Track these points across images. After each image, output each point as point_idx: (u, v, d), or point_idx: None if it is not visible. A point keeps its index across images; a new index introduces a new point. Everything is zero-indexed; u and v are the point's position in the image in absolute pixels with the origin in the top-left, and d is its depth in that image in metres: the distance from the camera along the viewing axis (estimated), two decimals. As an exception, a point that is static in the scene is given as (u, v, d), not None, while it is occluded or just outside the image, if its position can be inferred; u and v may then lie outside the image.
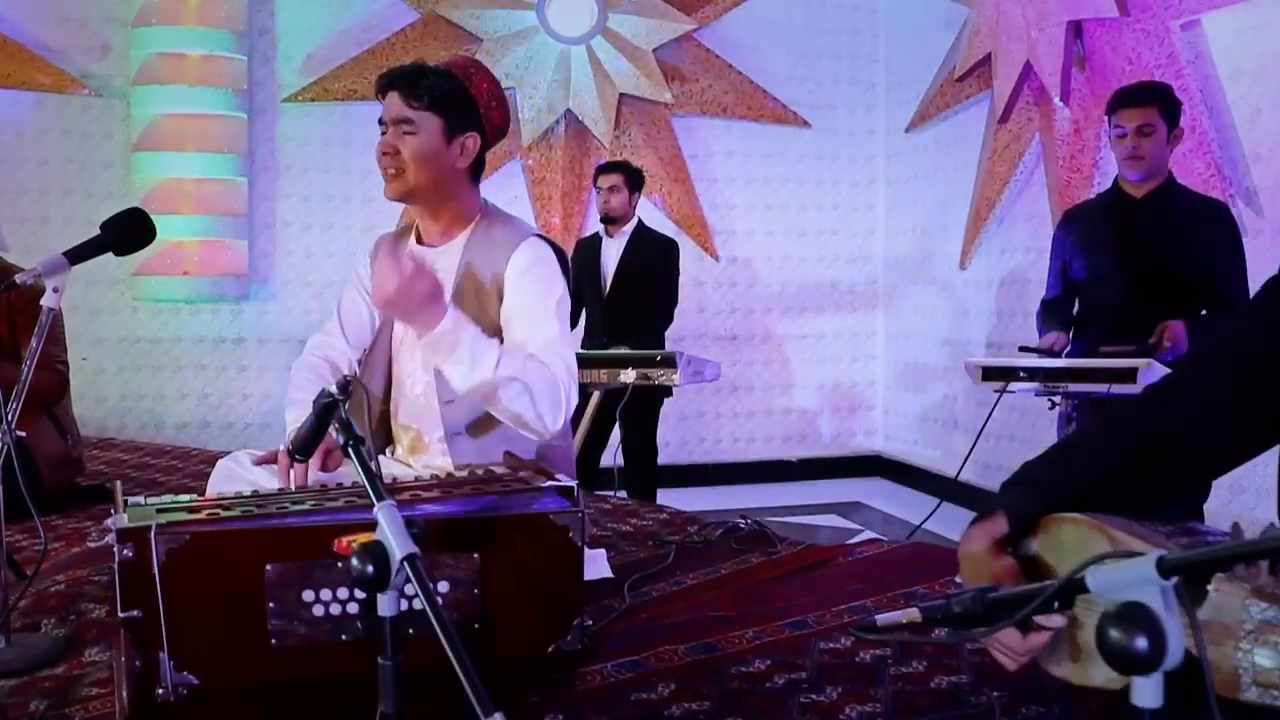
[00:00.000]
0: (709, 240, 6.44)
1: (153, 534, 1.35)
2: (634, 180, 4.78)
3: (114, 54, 5.63)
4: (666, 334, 4.93)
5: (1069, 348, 3.09)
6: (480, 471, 1.81)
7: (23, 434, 1.85)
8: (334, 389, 1.29)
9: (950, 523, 5.30)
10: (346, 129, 5.95)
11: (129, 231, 1.91)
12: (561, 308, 2.09)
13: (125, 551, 1.35)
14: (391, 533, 1.10)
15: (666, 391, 4.50)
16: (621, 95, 6.12)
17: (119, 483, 1.65)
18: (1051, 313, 3.28)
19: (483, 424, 2.09)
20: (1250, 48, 4.09)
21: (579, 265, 4.68)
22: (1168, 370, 2.71)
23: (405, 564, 1.08)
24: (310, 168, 5.94)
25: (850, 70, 6.72)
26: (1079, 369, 2.78)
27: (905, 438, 6.65)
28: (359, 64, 5.86)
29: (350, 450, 1.23)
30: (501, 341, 2.06)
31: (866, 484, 6.64)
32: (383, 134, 2.11)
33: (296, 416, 1.98)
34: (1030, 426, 5.38)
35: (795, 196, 6.71)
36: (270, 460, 1.91)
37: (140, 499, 1.59)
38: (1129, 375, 2.65)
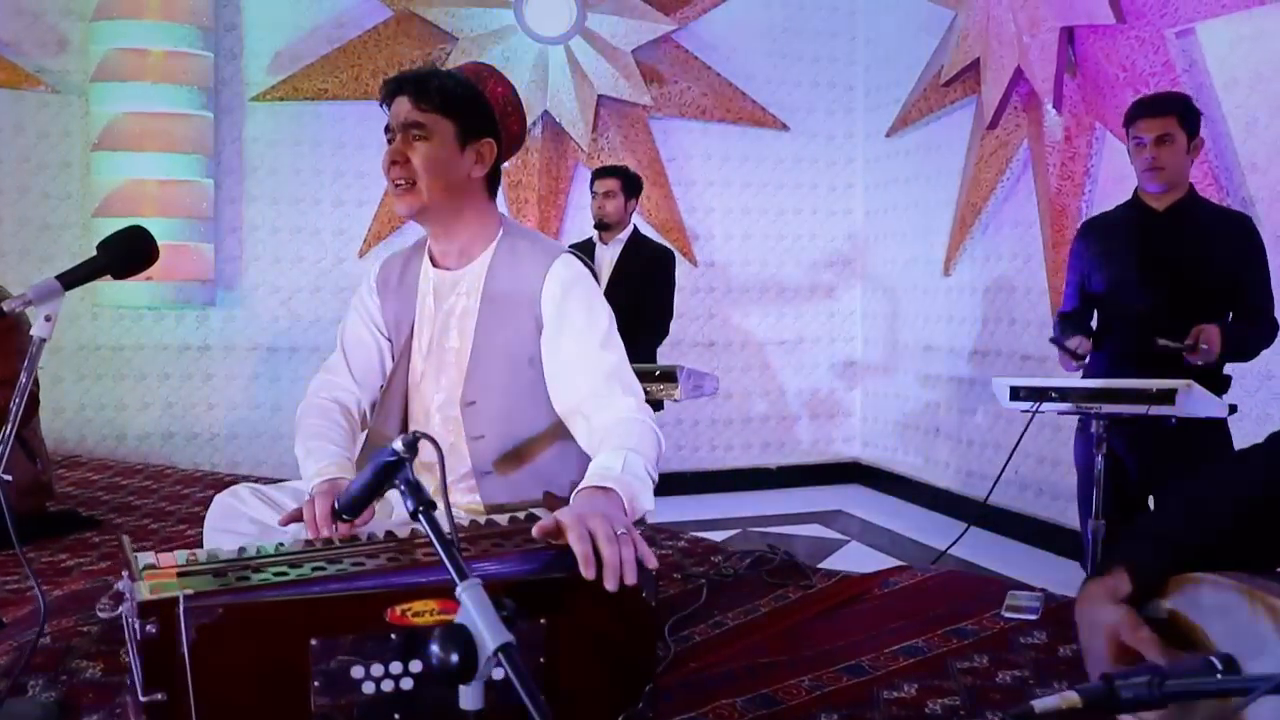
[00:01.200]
0: (687, 245, 6.32)
1: (181, 609, 1.20)
2: (631, 186, 4.66)
3: (72, 48, 5.38)
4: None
5: (1087, 359, 3.01)
6: (522, 516, 1.67)
7: (8, 478, 1.68)
8: (400, 446, 1.14)
9: (930, 533, 5.26)
10: (317, 129, 5.76)
11: (129, 253, 1.75)
12: (613, 328, 1.93)
13: (148, 628, 1.20)
14: (480, 617, 0.97)
15: (658, 405, 4.38)
16: (600, 97, 5.99)
17: (127, 538, 1.49)
18: (1069, 325, 3.21)
19: (512, 459, 1.93)
20: (1246, 57, 4.05)
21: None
22: (1208, 393, 2.65)
23: (500, 655, 0.95)
24: (279, 169, 5.73)
25: (829, 73, 6.65)
26: (1114, 390, 2.70)
27: (884, 444, 6.59)
28: (330, 62, 5.67)
29: (422, 518, 1.09)
30: (533, 365, 1.92)
31: (845, 491, 6.58)
32: (389, 141, 1.94)
33: (319, 468, 1.81)
34: (1015, 436, 5.32)
35: (773, 200, 6.62)
36: (297, 518, 1.73)
37: (151, 556, 1.43)
38: (1168, 397, 2.57)
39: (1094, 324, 3.26)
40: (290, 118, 5.72)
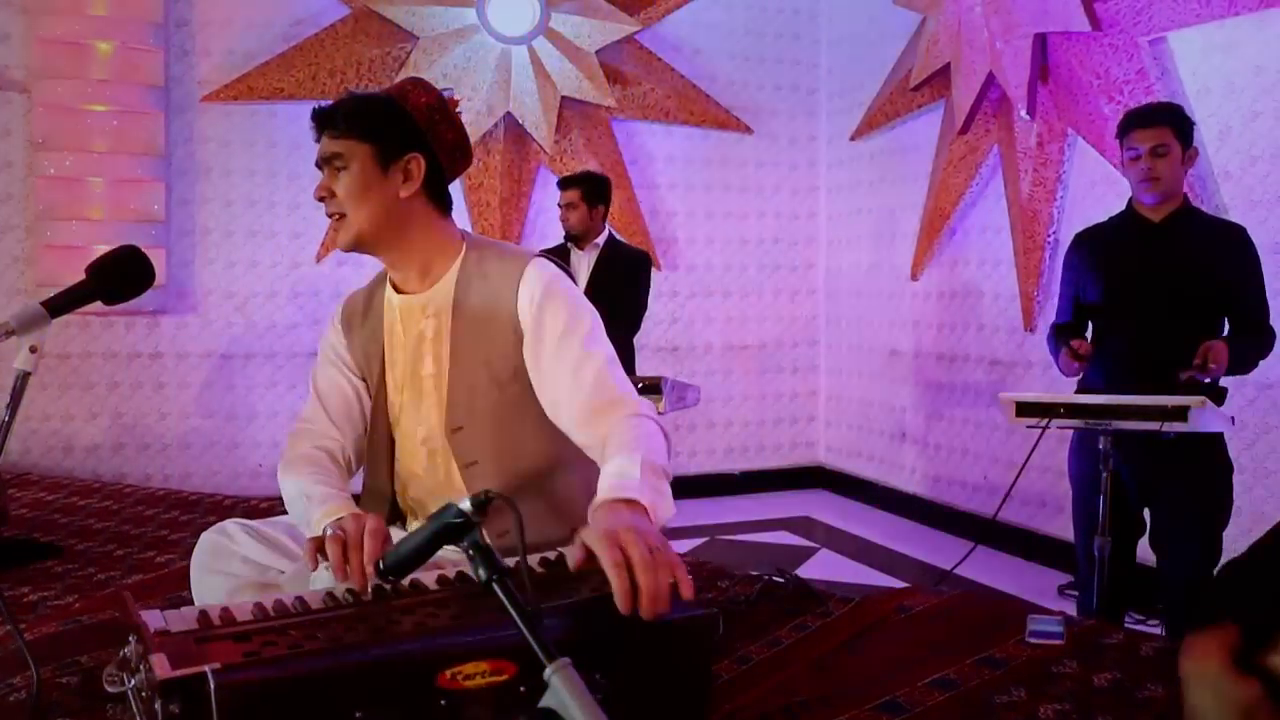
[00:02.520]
0: (651, 249, 6.24)
1: (211, 685, 1.08)
2: (594, 194, 4.53)
3: (13, 42, 5.15)
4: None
5: (1088, 359, 2.97)
6: (552, 557, 1.56)
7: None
8: (467, 506, 1.04)
9: (898, 539, 5.24)
10: (271, 130, 5.58)
11: (121, 276, 1.62)
12: (597, 326, 1.82)
13: (171, 708, 1.08)
14: (575, 703, 0.88)
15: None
16: (563, 98, 5.88)
17: (129, 595, 1.36)
18: (1064, 337, 3.18)
19: (527, 491, 1.80)
20: (1219, 66, 4.08)
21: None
22: (1217, 409, 2.63)
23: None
24: (233, 170, 5.54)
25: (791, 76, 6.61)
26: (1125, 406, 2.67)
27: (848, 450, 6.57)
28: (286, 61, 5.49)
29: (497, 587, 0.99)
30: (518, 379, 1.81)
31: (810, 497, 6.55)
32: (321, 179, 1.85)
33: (328, 509, 1.66)
34: (985, 440, 5.34)
35: (737, 204, 6.57)
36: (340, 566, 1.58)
37: (159, 616, 1.30)
38: (1181, 414, 2.55)
39: (1088, 335, 3.24)
40: (245, 118, 5.53)
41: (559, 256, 4.65)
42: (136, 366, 5.40)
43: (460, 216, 5.83)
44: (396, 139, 1.81)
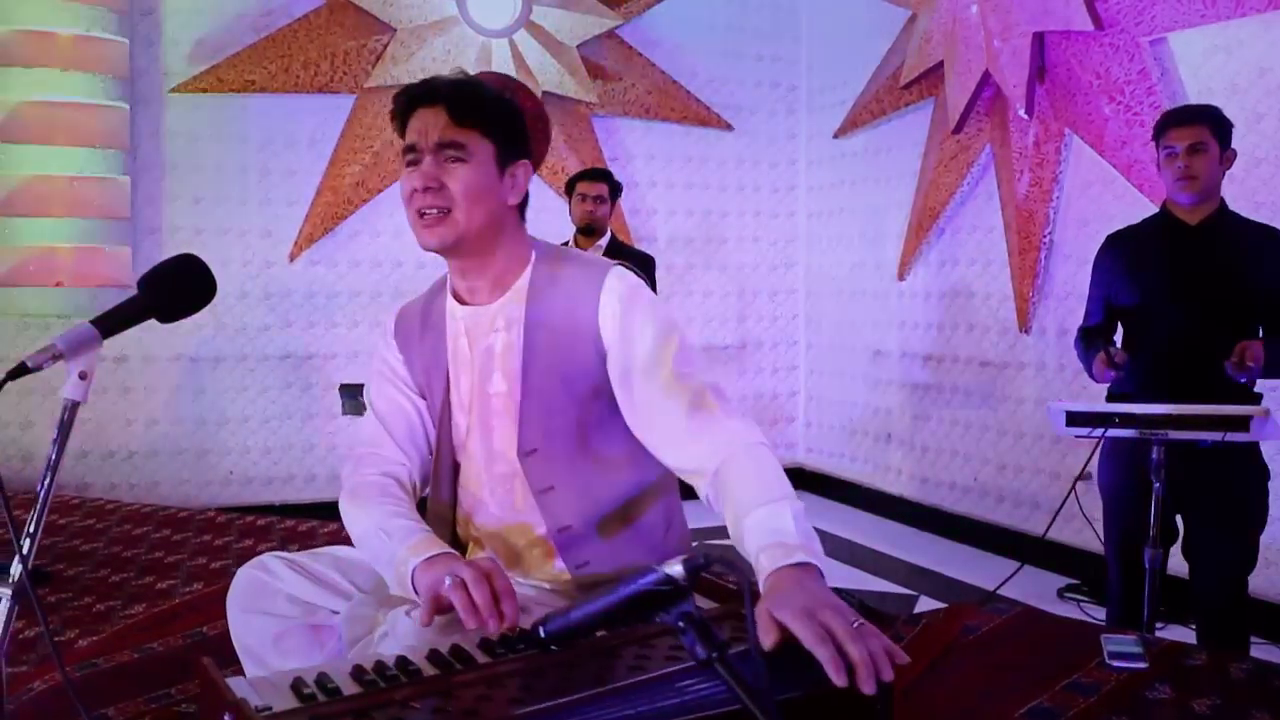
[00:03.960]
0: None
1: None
2: (616, 190, 4.46)
3: (-34, 31, 4.88)
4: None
5: (1124, 367, 2.91)
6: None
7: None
8: (679, 571, 0.90)
9: (886, 542, 5.17)
10: (243, 124, 5.36)
11: (178, 291, 1.46)
12: (685, 341, 1.67)
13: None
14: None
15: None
16: (544, 94, 5.73)
17: (210, 662, 1.21)
18: (1093, 340, 3.13)
19: (611, 520, 1.65)
20: (1221, 68, 4.06)
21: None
22: (1276, 419, 2.58)
23: None
24: (202, 166, 5.31)
25: (772, 73, 6.53)
26: (1184, 416, 2.61)
27: (829, 450, 6.51)
28: (257, 52, 5.27)
29: (722, 669, 0.86)
30: (599, 397, 1.67)
31: (791, 498, 6.47)
32: (412, 163, 1.65)
33: (414, 544, 1.51)
34: (975, 442, 5.31)
35: (716, 202, 6.47)
36: (444, 609, 1.41)
37: (248, 687, 1.15)
38: (1241, 424, 2.50)
39: (1117, 339, 3.19)
40: (214, 111, 5.31)
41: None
42: (101, 371, 5.10)
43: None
44: (514, 141, 1.68)
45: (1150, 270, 2.99)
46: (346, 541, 1.80)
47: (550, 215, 5.96)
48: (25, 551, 1.35)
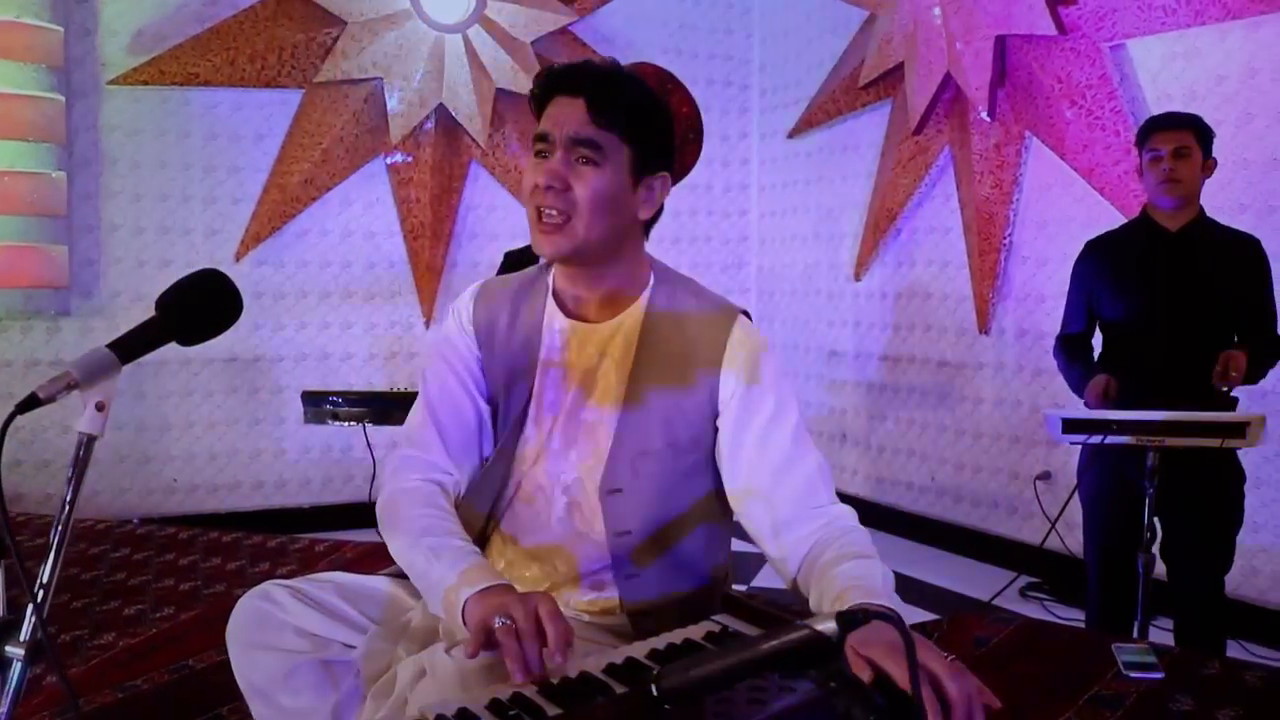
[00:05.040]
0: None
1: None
2: None
3: (-112, 18, 4.61)
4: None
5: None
6: (679, 642, 1.36)
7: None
8: (830, 626, 0.82)
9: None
10: (185, 119, 5.16)
11: (201, 312, 1.36)
12: (798, 409, 1.59)
13: None
14: None
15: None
16: (498, 90, 5.62)
17: None
18: (1075, 348, 3.15)
19: (651, 548, 1.56)
20: (1179, 75, 4.13)
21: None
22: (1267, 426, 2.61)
23: None
24: (142, 162, 5.10)
25: (724, 71, 6.49)
26: (1182, 422, 2.63)
27: (783, 449, 6.50)
28: (200, 44, 5.07)
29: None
30: (696, 448, 1.57)
31: (745, 498, 6.45)
32: (539, 154, 1.51)
33: (465, 570, 1.39)
34: (932, 442, 5.35)
35: (668, 201, 6.40)
36: (490, 646, 1.29)
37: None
38: (1238, 430, 2.52)
39: (1095, 345, 3.21)
40: (155, 104, 5.10)
41: (528, 257, 4.46)
42: (35, 375, 4.92)
43: (388, 212, 5.58)
44: (656, 150, 1.55)
45: (1132, 277, 3.02)
46: (323, 557, 1.70)
47: (504, 213, 5.89)
48: (40, 603, 1.24)
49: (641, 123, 1.53)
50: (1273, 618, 3.78)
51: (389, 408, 3.67)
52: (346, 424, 3.60)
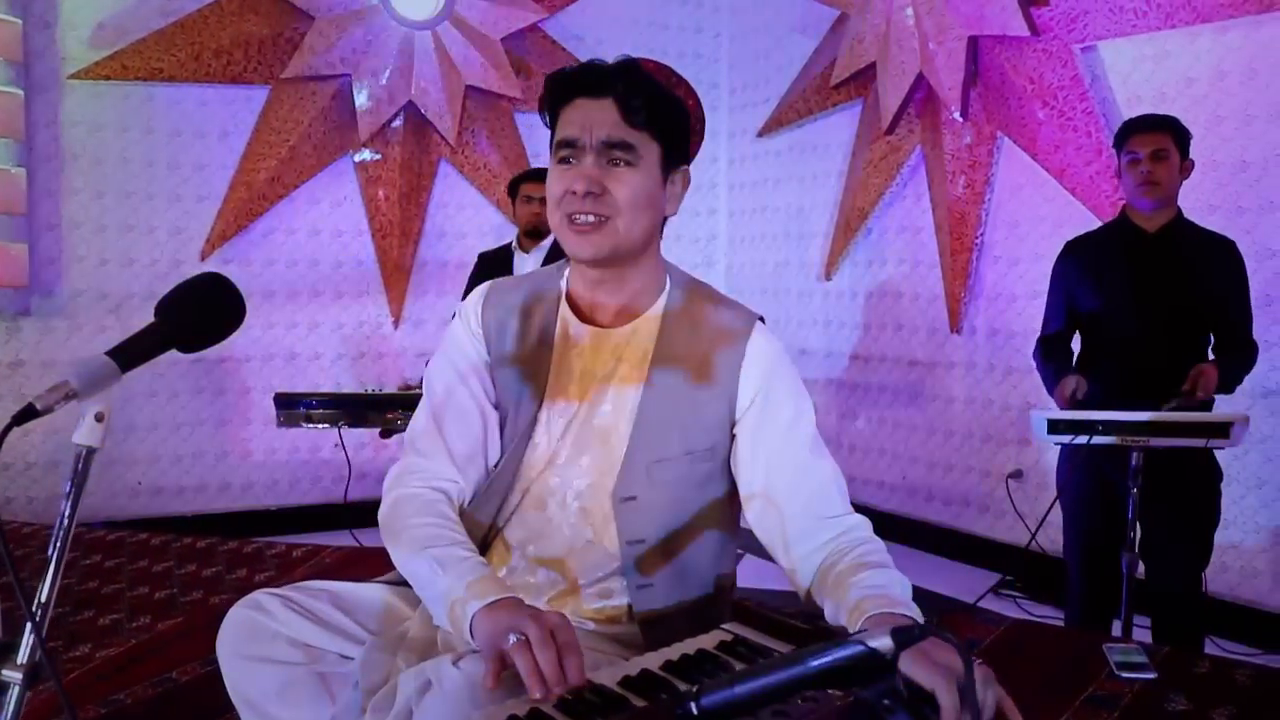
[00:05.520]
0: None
1: None
2: None
3: None
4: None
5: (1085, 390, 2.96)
6: (693, 652, 1.35)
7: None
8: (885, 643, 0.81)
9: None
10: (149, 114, 5.06)
11: (202, 318, 1.31)
12: (814, 422, 1.58)
13: None
14: None
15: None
16: (468, 88, 5.57)
17: None
18: (1053, 349, 3.17)
19: (661, 555, 1.54)
20: (1149, 77, 4.18)
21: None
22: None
23: None
24: (104, 159, 4.99)
25: (693, 69, 6.47)
26: (1166, 423, 2.66)
27: (753, 448, 6.51)
28: (165, 38, 4.98)
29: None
30: (713, 456, 1.56)
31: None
32: (564, 160, 1.49)
33: (471, 583, 1.35)
34: (903, 441, 5.37)
35: (638, 199, 6.39)
36: (505, 667, 1.25)
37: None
38: (1223, 430, 2.55)
39: (1075, 344, 3.24)
40: (118, 100, 4.99)
41: (501, 259, 4.42)
42: (-6, 377, 4.81)
43: (356, 210, 5.51)
44: (680, 145, 1.53)
45: (1111, 278, 3.05)
46: (301, 562, 1.65)
47: (473, 211, 5.84)
48: (39, 622, 1.19)
49: (669, 119, 1.52)
50: (1243, 613, 3.84)
51: (364, 410, 3.63)
52: (321, 426, 3.54)
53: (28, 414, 1.20)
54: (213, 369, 5.24)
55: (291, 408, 3.52)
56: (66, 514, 1.24)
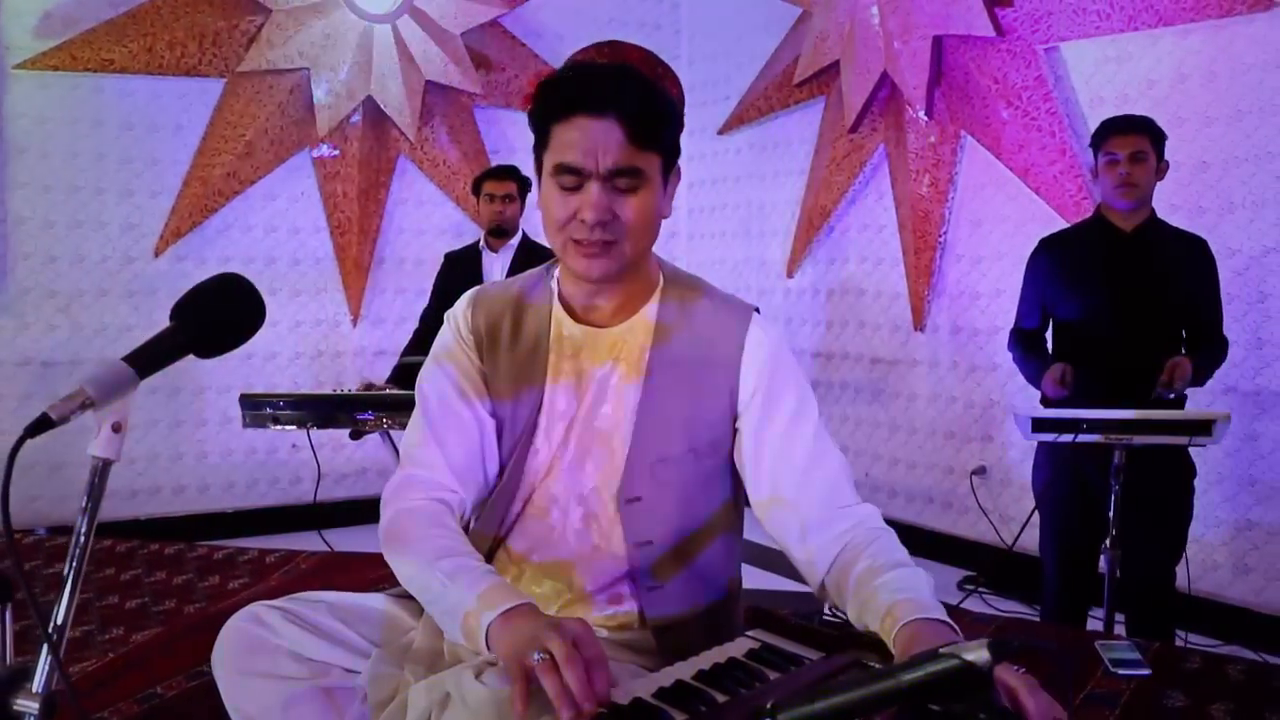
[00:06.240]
0: (516, 243, 5.95)
1: None
2: (525, 186, 4.27)
3: None
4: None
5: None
6: (723, 661, 1.32)
7: None
8: (981, 655, 0.78)
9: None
10: (98, 106, 4.91)
11: (221, 321, 1.26)
12: (817, 413, 1.55)
13: None
14: None
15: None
16: (428, 83, 5.49)
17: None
18: (1028, 343, 3.21)
19: (672, 561, 1.52)
20: (1111, 78, 4.24)
21: (455, 283, 4.06)
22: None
23: None
24: (51, 152, 4.84)
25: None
26: (1150, 421, 2.69)
27: (713, 446, 6.52)
28: (116, 29, 4.84)
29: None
30: (716, 452, 1.54)
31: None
32: (567, 188, 1.42)
33: (484, 593, 1.30)
34: (866, 438, 5.41)
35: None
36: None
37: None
38: (1205, 428, 2.59)
39: (1048, 338, 3.27)
40: (65, 91, 4.84)
41: (469, 258, 4.36)
42: (-62, 378, 4.65)
43: (313, 206, 5.41)
44: (676, 149, 1.49)
45: (1087, 276, 3.08)
46: (275, 569, 1.61)
47: (432, 208, 5.77)
48: (56, 643, 1.14)
49: (672, 131, 1.48)
50: (1203, 606, 3.91)
51: (332, 410, 3.55)
52: (289, 428, 3.46)
53: (42, 424, 1.15)
54: (167, 369, 5.10)
55: (258, 409, 3.43)
56: (83, 531, 1.19)
